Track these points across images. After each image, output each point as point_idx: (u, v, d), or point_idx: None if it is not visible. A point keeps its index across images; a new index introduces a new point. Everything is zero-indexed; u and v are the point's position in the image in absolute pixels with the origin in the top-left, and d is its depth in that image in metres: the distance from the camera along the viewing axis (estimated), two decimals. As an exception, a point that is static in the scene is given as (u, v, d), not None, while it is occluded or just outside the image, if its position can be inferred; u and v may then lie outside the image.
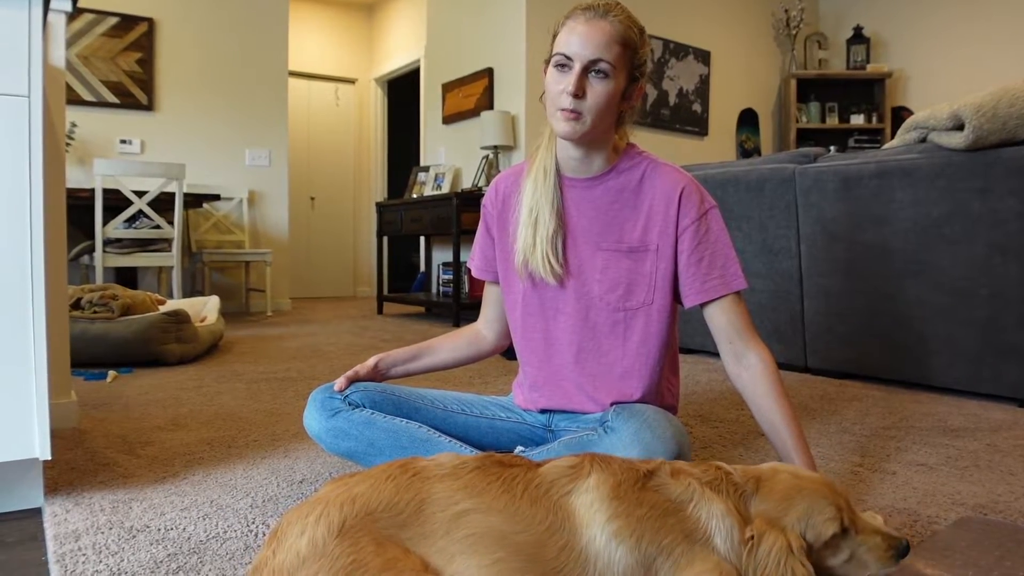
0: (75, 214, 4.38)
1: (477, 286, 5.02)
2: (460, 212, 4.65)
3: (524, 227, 1.42)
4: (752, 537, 0.88)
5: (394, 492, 0.86)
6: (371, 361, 1.52)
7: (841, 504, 0.94)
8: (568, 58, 1.29)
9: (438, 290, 5.65)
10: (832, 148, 5.57)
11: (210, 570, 1.09)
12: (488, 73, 5.19)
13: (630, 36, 1.31)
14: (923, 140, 2.56)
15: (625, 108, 1.39)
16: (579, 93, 1.28)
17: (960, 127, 2.36)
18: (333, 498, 0.86)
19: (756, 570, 0.87)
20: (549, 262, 1.40)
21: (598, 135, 1.36)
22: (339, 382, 1.45)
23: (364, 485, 0.88)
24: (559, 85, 1.30)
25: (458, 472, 0.90)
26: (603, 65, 1.28)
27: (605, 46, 1.28)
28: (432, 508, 0.86)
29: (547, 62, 1.36)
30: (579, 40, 1.28)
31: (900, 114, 6.13)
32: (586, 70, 1.29)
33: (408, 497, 0.86)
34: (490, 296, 1.61)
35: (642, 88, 1.39)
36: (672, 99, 5.72)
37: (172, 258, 4.39)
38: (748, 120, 6.37)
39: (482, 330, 1.63)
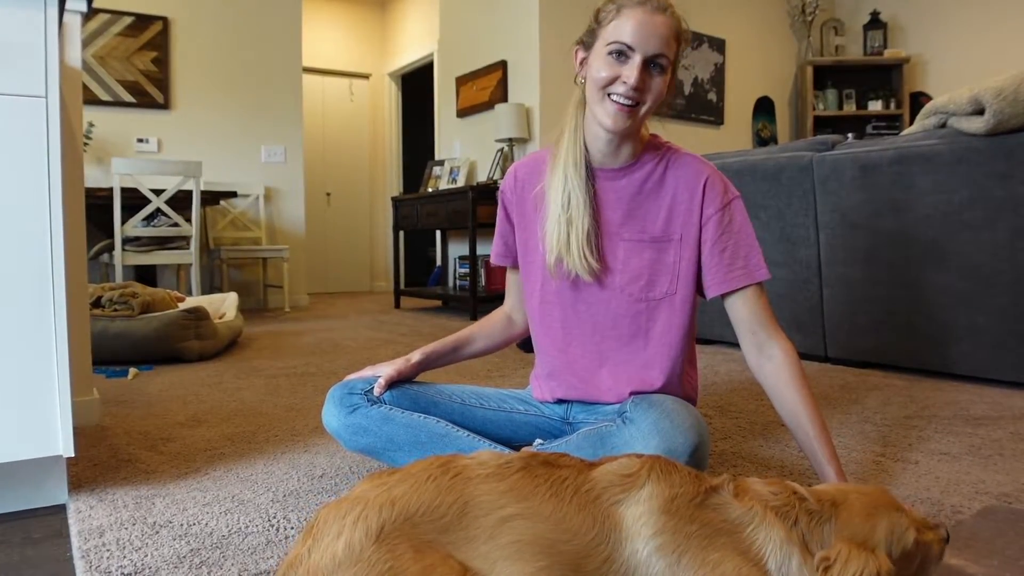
0: (94, 213, 4.43)
1: (494, 279, 5.02)
2: (476, 205, 4.65)
3: (556, 224, 1.38)
4: (827, 559, 0.82)
5: (435, 494, 0.84)
6: (415, 357, 1.50)
7: (903, 509, 0.92)
8: (630, 48, 1.26)
9: (455, 284, 5.65)
10: (850, 135, 5.47)
11: (232, 565, 1.10)
12: (502, 65, 5.17)
13: (684, 32, 1.31)
14: (943, 125, 2.53)
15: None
16: (641, 87, 1.27)
17: (980, 112, 2.33)
18: (372, 499, 0.83)
19: None
20: (586, 260, 1.37)
21: (638, 128, 1.36)
22: (379, 385, 1.43)
23: (404, 486, 0.85)
24: (613, 72, 1.27)
25: (503, 473, 0.87)
26: (663, 60, 1.27)
27: (666, 41, 1.26)
28: (476, 512, 0.83)
29: (582, 43, 1.35)
30: (643, 31, 1.25)
31: (919, 100, 6.05)
32: (646, 63, 1.27)
33: (450, 500, 0.84)
34: (512, 282, 1.62)
35: (673, 81, 1.37)
36: (687, 88, 5.68)
37: (190, 255, 4.42)
38: (764, 108, 6.31)
39: (511, 314, 1.64)
